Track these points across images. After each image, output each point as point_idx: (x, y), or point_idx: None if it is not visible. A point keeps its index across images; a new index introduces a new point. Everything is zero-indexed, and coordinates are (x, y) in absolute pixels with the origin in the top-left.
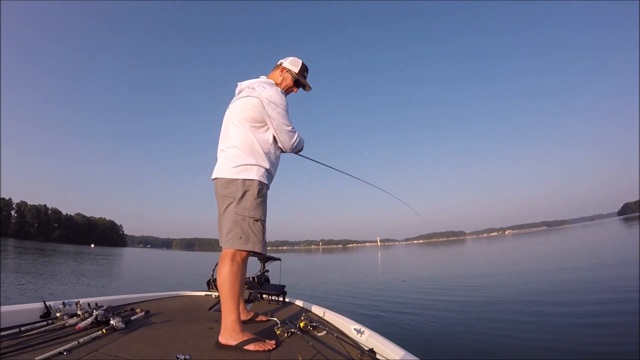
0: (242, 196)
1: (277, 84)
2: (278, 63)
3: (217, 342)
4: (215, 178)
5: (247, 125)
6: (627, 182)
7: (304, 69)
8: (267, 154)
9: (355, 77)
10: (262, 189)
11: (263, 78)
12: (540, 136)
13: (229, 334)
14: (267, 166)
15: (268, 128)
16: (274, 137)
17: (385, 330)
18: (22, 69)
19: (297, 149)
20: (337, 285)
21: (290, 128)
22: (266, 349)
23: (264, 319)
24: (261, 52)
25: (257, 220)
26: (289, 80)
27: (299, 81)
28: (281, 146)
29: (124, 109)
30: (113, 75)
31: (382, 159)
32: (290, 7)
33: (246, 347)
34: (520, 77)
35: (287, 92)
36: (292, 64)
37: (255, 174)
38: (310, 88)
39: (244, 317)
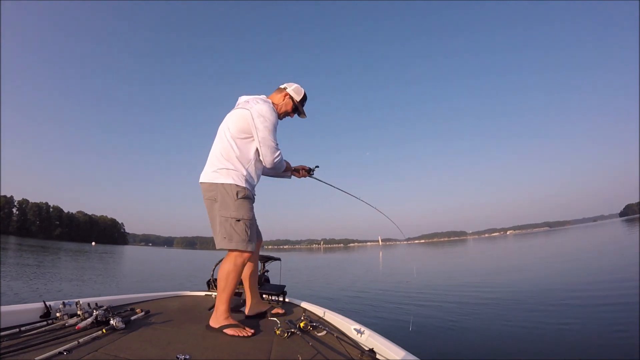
0: (223, 198)
1: (275, 105)
2: (282, 87)
3: (207, 325)
4: (201, 183)
5: (234, 135)
6: (629, 183)
7: (304, 99)
8: (247, 162)
9: (354, 76)
10: (241, 192)
11: (263, 97)
12: (543, 136)
13: (216, 319)
14: (245, 173)
15: (253, 140)
16: (257, 150)
17: (386, 330)
18: (25, 62)
19: (277, 168)
20: (338, 285)
21: (274, 144)
22: (243, 334)
23: (280, 311)
24: (275, 48)
25: (239, 221)
26: (289, 106)
27: (298, 108)
28: (262, 159)
29: (126, 105)
30: (116, 71)
31: (383, 159)
32: (290, 7)
33: (225, 330)
34: (522, 78)
35: (284, 115)
36: (295, 92)
37: (233, 178)
38: (305, 116)
39: (261, 307)
